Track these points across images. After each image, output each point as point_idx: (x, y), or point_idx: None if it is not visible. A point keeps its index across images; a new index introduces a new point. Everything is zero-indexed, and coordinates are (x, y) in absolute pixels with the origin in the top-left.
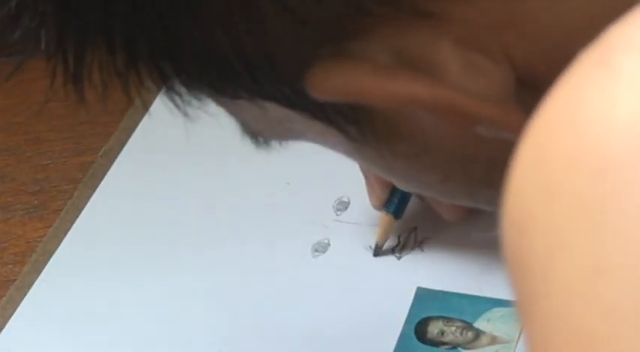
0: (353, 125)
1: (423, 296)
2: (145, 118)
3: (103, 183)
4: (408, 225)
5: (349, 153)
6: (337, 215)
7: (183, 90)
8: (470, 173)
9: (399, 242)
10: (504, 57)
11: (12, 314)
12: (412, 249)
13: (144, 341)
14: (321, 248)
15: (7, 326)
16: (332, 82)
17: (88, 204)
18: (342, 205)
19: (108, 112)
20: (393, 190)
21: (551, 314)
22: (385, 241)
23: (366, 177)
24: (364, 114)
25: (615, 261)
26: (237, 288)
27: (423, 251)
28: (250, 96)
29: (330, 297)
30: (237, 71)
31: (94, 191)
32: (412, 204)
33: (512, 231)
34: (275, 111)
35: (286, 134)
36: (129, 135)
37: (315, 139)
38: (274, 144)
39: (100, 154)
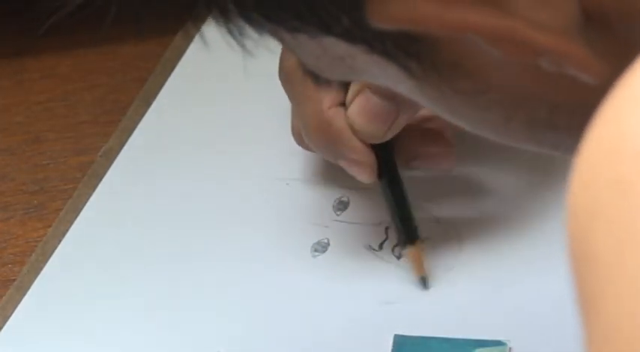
0: (414, 60)
1: (402, 343)
2: (145, 118)
3: (102, 183)
4: None
5: (410, 92)
6: (337, 215)
7: (242, 23)
8: (533, 114)
9: (398, 241)
10: None
11: (12, 314)
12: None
13: (143, 340)
14: (320, 248)
15: (6, 326)
16: (393, 8)
17: (88, 204)
18: (342, 205)
19: (108, 112)
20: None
21: (618, 311)
22: (423, 271)
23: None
24: (426, 49)
25: None
26: (236, 288)
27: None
28: (309, 30)
29: (330, 297)
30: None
31: (93, 191)
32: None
33: (578, 221)
34: (336, 47)
35: (348, 72)
36: (129, 135)
37: (377, 77)
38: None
39: (99, 154)
